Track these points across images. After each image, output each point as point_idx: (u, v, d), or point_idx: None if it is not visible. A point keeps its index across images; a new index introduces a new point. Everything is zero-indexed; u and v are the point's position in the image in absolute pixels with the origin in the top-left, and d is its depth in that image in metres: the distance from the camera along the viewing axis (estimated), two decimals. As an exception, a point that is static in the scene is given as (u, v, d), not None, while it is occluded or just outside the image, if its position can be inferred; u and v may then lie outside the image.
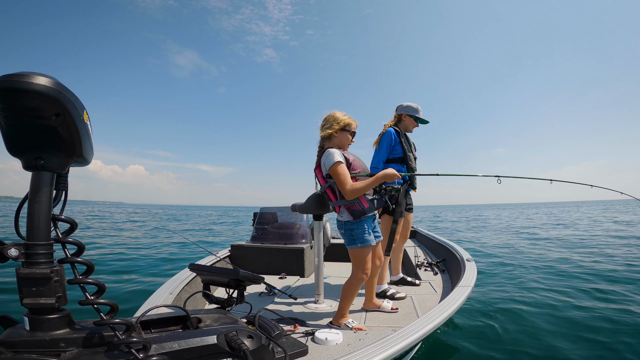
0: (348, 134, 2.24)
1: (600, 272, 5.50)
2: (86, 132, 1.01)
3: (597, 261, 6.51)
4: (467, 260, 3.21)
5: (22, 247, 0.91)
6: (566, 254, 7.59)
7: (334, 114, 2.24)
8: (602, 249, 7.98)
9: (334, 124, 2.21)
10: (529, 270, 5.98)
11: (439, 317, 1.88)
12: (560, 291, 4.49)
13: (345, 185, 2.06)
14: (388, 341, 1.54)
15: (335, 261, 4.69)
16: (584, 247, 8.48)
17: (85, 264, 0.99)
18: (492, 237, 12.04)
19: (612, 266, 5.96)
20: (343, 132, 2.22)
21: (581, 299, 4.15)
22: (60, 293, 0.93)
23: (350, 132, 2.25)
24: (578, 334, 3.10)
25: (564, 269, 5.94)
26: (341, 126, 2.20)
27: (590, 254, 7.44)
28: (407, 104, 3.03)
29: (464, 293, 2.34)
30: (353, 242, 2.22)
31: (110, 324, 0.95)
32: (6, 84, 0.81)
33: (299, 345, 1.59)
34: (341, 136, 2.23)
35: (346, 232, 2.25)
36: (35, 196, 0.94)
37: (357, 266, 2.24)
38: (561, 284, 4.92)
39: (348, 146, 2.30)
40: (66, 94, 0.90)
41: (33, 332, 0.91)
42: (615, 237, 10.24)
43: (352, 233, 2.21)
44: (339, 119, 2.21)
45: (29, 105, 0.85)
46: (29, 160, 0.94)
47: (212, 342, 1.10)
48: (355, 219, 2.18)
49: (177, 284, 2.64)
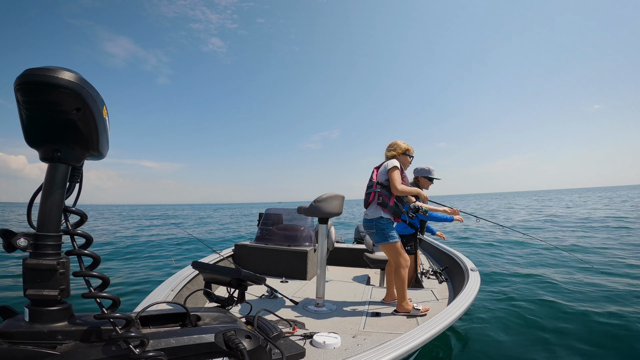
0: (407, 157, 2.89)
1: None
2: (104, 127, 1.03)
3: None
4: (472, 270, 3.18)
5: (32, 238, 0.93)
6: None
7: (397, 142, 2.89)
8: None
9: (397, 148, 2.86)
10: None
11: (439, 326, 1.87)
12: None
13: (397, 184, 2.62)
14: (386, 347, 1.53)
15: (338, 265, 4.68)
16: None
17: (91, 256, 1.00)
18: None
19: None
20: (404, 156, 2.87)
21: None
22: (64, 285, 0.94)
23: (409, 155, 2.89)
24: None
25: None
26: (403, 150, 2.86)
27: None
28: (422, 167, 3.61)
29: (466, 302, 2.32)
30: (385, 239, 2.67)
31: (110, 317, 0.96)
32: (31, 77, 0.84)
33: (296, 348, 1.59)
34: (402, 158, 2.86)
35: (377, 230, 2.69)
36: (49, 187, 0.95)
37: (396, 258, 2.69)
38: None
39: (407, 166, 2.91)
40: (88, 89, 0.92)
41: (32, 323, 0.92)
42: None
43: (383, 232, 2.67)
44: (401, 146, 2.86)
45: (51, 99, 0.87)
46: (47, 152, 0.96)
47: (210, 341, 1.10)
48: (384, 211, 2.67)
49: (179, 280, 2.66)
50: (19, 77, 0.84)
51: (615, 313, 3.70)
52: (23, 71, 0.85)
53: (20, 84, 0.84)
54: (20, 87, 0.84)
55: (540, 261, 6.64)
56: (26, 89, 0.85)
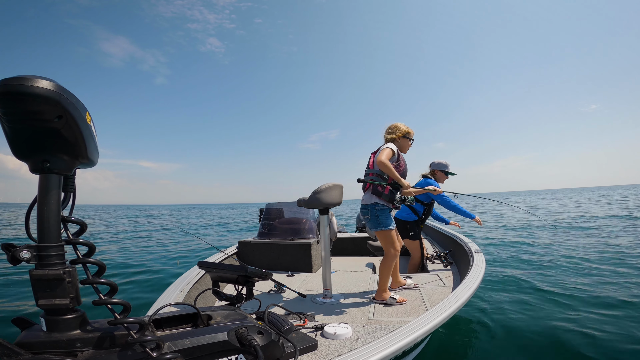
0: (408, 140, 2.77)
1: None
2: (90, 133, 1.02)
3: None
4: (476, 252, 3.20)
5: (34, 250, 0.92)
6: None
7: (397, 124, 2.76)
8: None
9: (397, 131, 2.74)
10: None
11: (448, 310, 1.88)
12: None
13: (382, 157, 2.48)
14: (397, 334, 1.54)
15: (342, 255, 4.70)
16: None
17: (97, 264, 1.00)
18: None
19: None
20: (404, 139, 2.75)
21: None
22: (73, 293, 0.94)
23: (410, 138, 2.77)
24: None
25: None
26: (403, 133, 2.73)
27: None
28: (439, 161, 3.73)
29: (473, 285, 2.33)
30: (378, 225, 2.63)
31: (124, 323, 0.96)
32: (6, 87, 0.82)
33: (308, 340, 1.60)
34: (402, 142, 2.75)
35: (372, 216, 2.65)
36: (44, 198, 0.94)
37: (387, 245, 2.65)
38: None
39: (407, 150, 2.81)
40: (67, 96, 0.91)
41: (50, 333, 0.92)
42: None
43: (377, 218, 2.63)
44: (401, 128, 2.74)
45: (30, 109, 0.85)
46: (36, 163, 0.95)
47: (223, 339, 1.11)
48: (378, 198, 2.62)
49: (187, 281, 2.67)
50: None
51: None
52: None
53: None
54: None
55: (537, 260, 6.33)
56: (4, 100, 0.83)
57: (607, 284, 4.30)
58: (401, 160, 2.70)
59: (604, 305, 3.54)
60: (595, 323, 3.08)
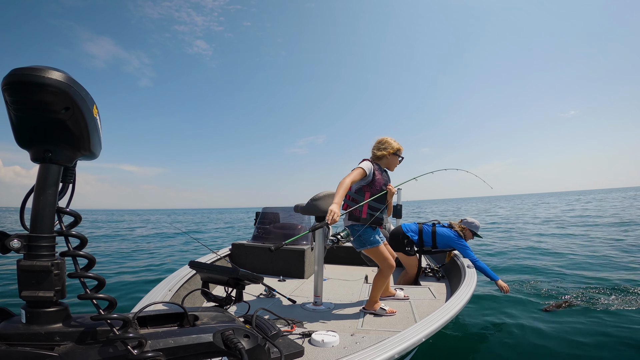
0: (397, 157, 2.68)
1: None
2: (95, 127, 1.02)
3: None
4: (468, 267, 3.19)
5: (25, 239, 0.92)
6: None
7: (388, 140, 2.65)
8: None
9: (388, 147, 2.63)
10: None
11: (437, 323, 1.87)
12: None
13: (346, 178, 2.36)
14: (384, 345, 1.53)
15: (335, 264, 4.69)
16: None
17: (86, 257, 0.99)
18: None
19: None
20: (393, 156, 2.65)
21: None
22: (59, 287, 0.93)
23: (399, 156, 2.69)
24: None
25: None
26: (394, 150, 2.63)
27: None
28: (472, 220, 3.79)
29: (463, 300, 2.33)
30: (363, 244, 2.54)
31: (108, 319, 0.95)
32: (17, 77, 0.82)
33: (295, 347, 1.58)
34: (392, 159, 2.66)
35: (354, 237, 2.55)
36: (41, 188, 0.94)
37: (379, 261, 2.57)
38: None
39: (395, 167, 2.72)
40: (76, 88, 0.91)
41: (29, 325, 0.91)
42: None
43: (360, 238, 2.53)
44: (392, 144, 2.63)
45: (39, 99, 0.85)
46: (38, 152, 0.94)
47: (208, 340, 1.10)
48: (354, 222, 2.52)
49: (176, 280, 2.65)
50: (6, 77, 0.83)
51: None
52: (10, 71, 0.83)
53: (7, 84, 0.83)
54: (7, 87, 0.83)
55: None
56: (13, 89, 0.84)
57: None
58: (377, 180, 2.52)
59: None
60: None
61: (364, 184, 2.50)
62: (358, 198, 2.52)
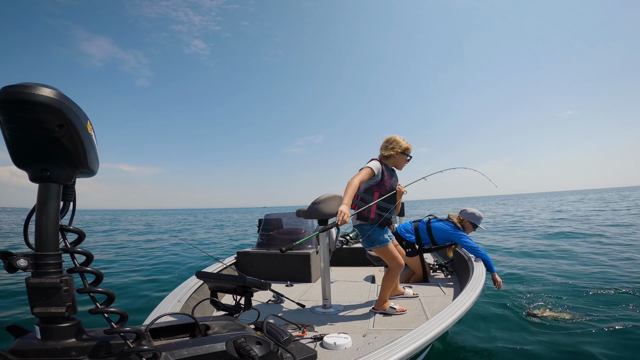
0: (405, 156, 2.63)
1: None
2: (90, 143, 1.02)
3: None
4: (475, 261, 3.18)
5: (31, 258, 0.92)
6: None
7: (396, 139, 2.59)
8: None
9: (396, 147, 2.57)
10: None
11: (449, 319, 1.86)
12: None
13: (353, 178, 2.34)
14: (398, 344, 1.52)
15: (341, 266, 4.67)
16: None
17: (94, 273, 0.99)
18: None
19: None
20: (402, 155, 2.60)
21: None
22: (69, 302, 0.94)
23: (408, 155, 2.63)
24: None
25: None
26: (402, 149, 2.58)
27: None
28: (472, 211, 3.58)
29: (474, 294, 2.31)
30: (372, 244, 2.53)
31: (121, 332, 0.95)
32: (7, 95, 0.82)
33: (307, 351, 1.58)
34: (400, 158, 2.61)
35: (363, 237, 2.56)
36: (42, 207, 0.94)
37: (388, 260, 2.55)
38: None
39: (403, 166, 2.68)
40: (69, 105, 0.91)
41: (45, 341, 0.91)
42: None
43: (369, 237, 2.52)
44: (401, 143, 2.58)
45: (31, 117, 0.85)
46: (35, 172, 0.94)
47: (221, 349, 1.10)
48: (362, 222, 2.53)
49: (184, 291, 2.64)
50: None
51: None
52: (0, 89, 0.83)
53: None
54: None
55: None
56: (5, 108, 0.83)
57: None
58: (385, 180, 2.50)
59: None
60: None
61: (373, 183, 2.49)
62: (367, 198, 2.52)
